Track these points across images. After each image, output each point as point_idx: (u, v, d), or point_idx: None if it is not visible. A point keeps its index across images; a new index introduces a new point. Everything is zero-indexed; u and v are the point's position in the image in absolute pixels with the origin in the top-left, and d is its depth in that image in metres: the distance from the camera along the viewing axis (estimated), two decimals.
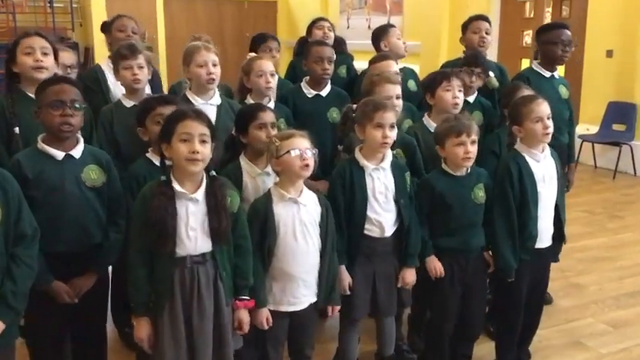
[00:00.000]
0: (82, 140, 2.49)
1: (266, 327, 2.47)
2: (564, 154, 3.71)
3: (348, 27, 11.19)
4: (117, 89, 3.43)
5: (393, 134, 2.63)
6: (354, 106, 2.82)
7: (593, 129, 7.28)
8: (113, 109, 3.10)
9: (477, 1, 8.58)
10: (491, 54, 8.60)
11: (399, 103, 3.05)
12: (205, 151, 2.19)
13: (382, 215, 2.71)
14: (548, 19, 8.26)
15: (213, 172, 2.28)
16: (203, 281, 2.25)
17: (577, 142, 7.16)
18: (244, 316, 2.38)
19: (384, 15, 10.43)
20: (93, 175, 2.45)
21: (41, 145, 2.40)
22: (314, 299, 2.57)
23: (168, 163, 2.25)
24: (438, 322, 2.92)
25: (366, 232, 2.72)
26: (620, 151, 6.89)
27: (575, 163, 7.02)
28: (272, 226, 2.45)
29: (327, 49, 3.53)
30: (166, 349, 2.22)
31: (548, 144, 2.99)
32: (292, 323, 2.59)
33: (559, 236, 3.01)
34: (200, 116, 2.22)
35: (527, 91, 3.19)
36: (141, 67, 3.12)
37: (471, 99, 3.54)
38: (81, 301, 2.46)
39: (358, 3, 11.29)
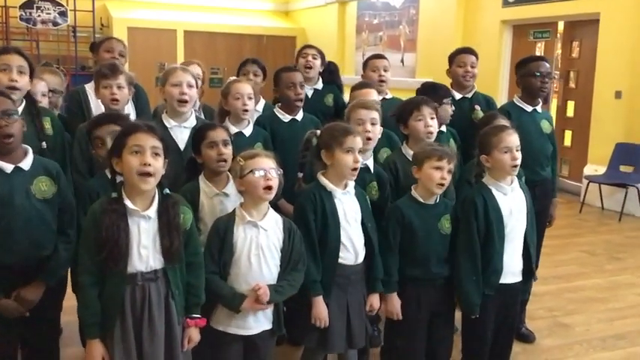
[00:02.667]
0: (30, 151, 2.49)
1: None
2: (547, 188, 3.65)
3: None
4: (99, 110, 3.48)
5: (361, 160, 2.63)
6: (318, 131, 2.81)
7: (601, 170, 7.18)
8: None
9: (489, 40, 8.65)
10: (502, 92, 8.65)
11: (374, 129, 2.99)
12: (157, 164, 2.15)
13: (355, 240, 2.67)
14: (558, 59, 8.26)
15: (167, 190, 2.25)
16: (154, 299, 2.21)
17: (584, 182, 7.18)
18: (194, 334, 2.34)
19: (398, 52, 10.54)
20: (43, 186, 2.45)
21: None
22: (267, 326, 2.52)
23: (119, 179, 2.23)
24: (405, 352, 2.86)
25: (340, 260, 2.66)
26: (626, 193, 6.76)
27: (581, 204, 7.08)
28: (229, 245, 2.42)
29: (297, 74, 3.55)
30: None
31: (531, 179, 2.95)
32: (246, 349, 2.53)
33: (528, 272, 2.93)
34: (152, 129, 2.18)
35: (503, 121, 3.16)
36: (120, 88, 3.15)
37: (444, 128, 3.51)
38: (32, 312, 2.45)
39: (373, 40, 11.43)
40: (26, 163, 2.44)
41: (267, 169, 2.40)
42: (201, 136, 2.69)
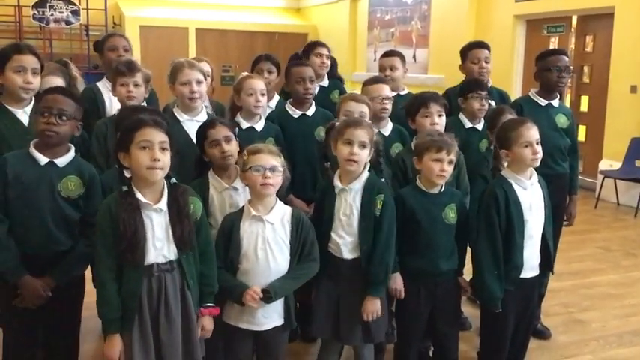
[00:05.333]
0: (72, 151, 2.54)
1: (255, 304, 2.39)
2: (562, 184, 3.61)
3: (375, 59, 11.27)
4: (113, 106, 3.49)
5: (363, 153, 2.59)
6: (337, 123, 2.81)
7: (616, 165, 7.11)
8: (108, 123, 3.11)
9: (502, 35, 8.59)
10: (516, 87, 8.59)
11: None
12: (165, 159, 2.17)
13: (342, 237, 2.65)
14: (572, 53, 8.18)
15: (174, 180, 2.27)
16: (170, 289, 2.23)
17: (599, 178, 7.11)
18: (208, 323, 2.37)
19: (410, 48, 10.49)
20: (71, 186, 2.49)
21: (31, 149, 2.48)
22: (278, 322, 2.51)
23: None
24: (401, 345, 2.86)
25: (329, 249, 2.67)
26: None
27: (597, 200, 7.01)
28: (236, 241, 2.44)
29: (308, 69, 3.52)
30: None
31: (544, 174, 2.92)
32: (257, 344, 2.54)
33: (546, 266, 2.90)
34: (159, 124, 2.21)
35: (510, 116, 3.13)
36: (137, 85, 3.16)
37: (480, 126, 3.49)
38: (53, 310, 2.50)
39: (385, 36, 11.40)
40: (62, 161, 2.50)
41: (265, 166, 2.41)
42: (202, 136, 2.70)
